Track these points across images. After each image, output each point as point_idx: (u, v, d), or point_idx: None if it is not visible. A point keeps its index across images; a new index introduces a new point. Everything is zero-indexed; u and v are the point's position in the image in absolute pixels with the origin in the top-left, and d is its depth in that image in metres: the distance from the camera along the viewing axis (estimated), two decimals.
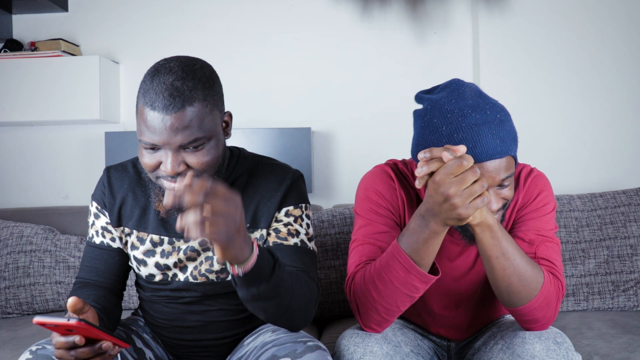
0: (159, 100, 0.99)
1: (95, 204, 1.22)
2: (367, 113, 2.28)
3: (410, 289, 1.04)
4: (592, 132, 2.21)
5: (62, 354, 0.88)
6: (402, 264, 1.02)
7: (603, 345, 1.44)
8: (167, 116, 0.99)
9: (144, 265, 1.18)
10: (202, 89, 1.03)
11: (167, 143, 1.00)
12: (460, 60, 2.26)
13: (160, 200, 1.12)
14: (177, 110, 0.99)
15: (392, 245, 1.05)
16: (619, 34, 2.19)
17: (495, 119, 1.04)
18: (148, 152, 1.04)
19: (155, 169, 1.05)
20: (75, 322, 0.81)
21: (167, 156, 1.02)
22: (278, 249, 1.13)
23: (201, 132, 1.02)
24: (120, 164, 1.24)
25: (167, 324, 1.22)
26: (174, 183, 1.04)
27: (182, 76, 1.01)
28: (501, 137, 1.03)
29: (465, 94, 1.06)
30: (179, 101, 0.99)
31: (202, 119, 1.02)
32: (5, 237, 1.94)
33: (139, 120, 1.03)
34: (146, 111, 1.01)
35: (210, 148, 1.05)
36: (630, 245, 1.81)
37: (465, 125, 1.03)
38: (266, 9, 2.31)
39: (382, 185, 1.20)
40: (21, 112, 2.19)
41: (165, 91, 0.99)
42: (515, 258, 1.02)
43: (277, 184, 1.16)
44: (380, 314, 1.08)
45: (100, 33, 2.36)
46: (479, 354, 1.17)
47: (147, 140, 1.02)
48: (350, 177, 2.29)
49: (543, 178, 1.19)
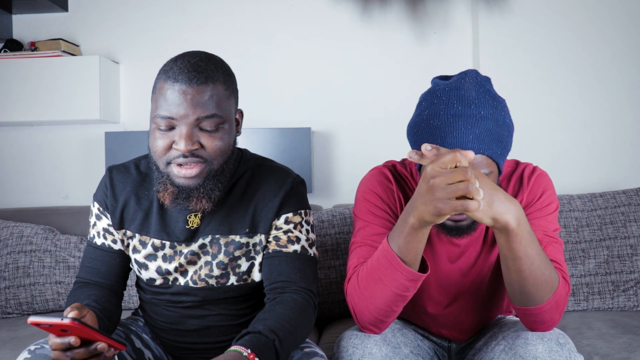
0: (183, 74, 1.01)
1: (97, 205, 1.20)
2: (367, 113, 2.28)
3: (399, 287, 1.02)
4: (592, 132, 2.21)
5: (58, 355, 0.88)
6: (389, 261, 1.01)
7: (603, 345, 1.44)
8: (189, 88, 1.01)
9: (145, 269, 1.18)
10: (223, 74, 1.06)
11: (185, 116, 1.01)
12: (460, 60, 2.26)
13: (165, 190, 1.08)
14: (200, 84, 1.01)
15: (382, 242, 1.05)
16: (619, 34, 2.19)
17: (477, 114, 1.03)
18: (161, 132, 1.04)
19: (167, 151, 1.04)
20: (69, 322, 0.81)
21: (182, 133, 1.01)
22: (278, 257, 1.13)
23: (219, 111, 1.04)
24: (122, 164, 1.22)
25: (166, 327, 1.22)
26: (185, 170, 1.03)
27: (205, 59, 1.05)
28: (476, 134, 1.02)
29: (465, 85, 1.06)
30: (203, 76, 1.02)
31: (221, 99, 1.04)
32: (5, 237, 1.94)
33: (156, 97, 1.04)
34: (167, 85, 1.02)
35: (224, 133, 1.06)
36: (630, 245, 1.81)
37: (444, 113, 1.04)
38: (266, 9, 2.31)
39: (379, 187, 1.20)
40: (21, 112, 2.19)
41: (190, 67, 1.02)
42: (534, 262, 0.99)
43: (276, 189, 1.16)
44: (375, 314, 1.07)
45: (100, 33, 2.36)
46: (480, 355, 1.16)
47: (164, 113, 1.02)
48: (350, 177, 2.29)
49: (546, 177, 1.19)
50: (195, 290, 1.17)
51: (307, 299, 1.10)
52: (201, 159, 1.04)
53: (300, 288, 1.11)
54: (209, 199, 1.08)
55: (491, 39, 2.22)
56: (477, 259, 1.20)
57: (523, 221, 0.97)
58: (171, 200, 1.09)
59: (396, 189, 1.20)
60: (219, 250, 1.14)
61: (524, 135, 2.23)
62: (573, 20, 2.20)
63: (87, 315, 0.96)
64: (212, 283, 1.16)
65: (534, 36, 2.21)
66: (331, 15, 2.30)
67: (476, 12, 2.24)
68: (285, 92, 2.32)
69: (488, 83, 1.10)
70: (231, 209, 1.15)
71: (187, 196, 1.07)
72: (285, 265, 1.12)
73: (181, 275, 1.17)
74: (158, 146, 1.04)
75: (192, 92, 1.01)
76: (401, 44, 2.28)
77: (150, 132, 1.07)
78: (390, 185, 1.20)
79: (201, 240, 1.14)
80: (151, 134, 1.06)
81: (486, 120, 1.03)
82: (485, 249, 1.20)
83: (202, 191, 1.07)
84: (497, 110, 1.05)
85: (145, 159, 1.21)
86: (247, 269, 1.17)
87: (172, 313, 1.20)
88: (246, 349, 0.92)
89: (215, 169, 1.07)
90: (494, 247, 1.20)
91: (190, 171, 1.04)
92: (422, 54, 2.28)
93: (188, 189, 1.06)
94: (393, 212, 1.19)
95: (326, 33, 2.30)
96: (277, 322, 1.01)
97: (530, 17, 2.21)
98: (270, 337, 0.97)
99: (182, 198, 1.07)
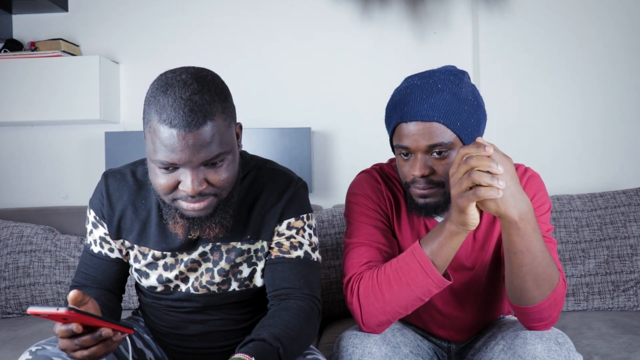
0: (179, 117, 0.92)
1: (94, 213, 1.16)
2: (367, 113, 2.28)
3: (424, 292, 1.05)
4: (592, 132, 2.21)
5: (66, 344, 0.87)
6: (421, 265, 1.03)
7: (603, 345, 1.44)
8: (188, 133, 0.92)
9: (146, 278, 1.16)
10: (219, 102, 0.97)
11: (188, 161, 0.94)
12: (460, 60, 2.26)
13: (175, 223, 1.04)
14: (200, 126, 0.93)
15: (413, 246, 1.06)
16: (618, 34, 2.19)
17: (433, 86, 1.08)
18: (164, 172, 0.97)
19: (173, 190, 0.99)
20: (65, 311, 0.81)
21: (187, 175, 0.96)
22: (281, 263, 1.12)
23: (222, 147, 0.97)
24: (118, 171, 1.17)
25: (167, 331, 1.21)
26: (194, 204, 0.99)
27: (198, 89, 0.94)
28: (432, 103, 1.06)
29: (434, 70, 1.13)
30: (201, 116, 0.93)
31: (222, 134, 0.97)
32: (5, 237, 1.94)
33: (152, 139, 0.95)
34: (163, 129, 0.93)
35: (229, 163, 1.00)
36: (630, 245, 1.81)
37: (403, 87, 1.12)
38: (266, 9, 2.31)
39: (368, 188, 1.23)
40: (21, 112, 2.19)
41: (185, 107, 0.92)
42: (536, 258, 1.00)
43: (277, 195, 1.13)
44: (387, 315, 1.08)
45: (100, 33, 2.36)
46: (479, 355, 1.17)
47: (164, 160, 0.95)
48: (350, 177, 2.26)
49: (537, 178, 1.20)
50: (196, 297, 1.15)
51: (312, 306, 1.10)
52: (210, 195, 1.00)
53: (305, 295, 1.10)
54: (221, 226, 1.05)
55: (491, 39, 2.22)
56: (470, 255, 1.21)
57: (528, 217, 0.98)
58: (184, 232, 1.05)
59: (385, 189, 1.23)
60: (220, 257, 1.13)
61: (524, 135, 2.23)
62: (573, 20, 2.20)
63: (89, 302, 0.94)
64: (214, 289, 1.15)
65: (534, 36, 2.21)
66: (331, 15, 2.30)
67: (476, 12, 2.24)
68: (285, 92, 2.31)
69: (461, 73, 1.13)
70: (232, 222, 1.12)
71: (199, 227, 1.04)
72: (288, 272, 1.11)
73: (182, 282, 1.15)
74: (162, 185, 0.99)
75: (193, 136, 0.92)
76: (401, 44, 2.28)
77: (150, 169, 1.00)
78: (379, 186, 1.23)
79: (202, 248, 1.12)
80: (151, 171, 1.00)
81: (443, 92, 1.07)
82: (477, 247, 1.21)
83: (214, 220, 1.04)
84: (456, 85, 1.09)
85: (142, 165, 1.17)
86: (249, 275, 1.15)
87: (173, 318, 1.19)
88: (250, 357, 0.91)
89: (225, 197, 1.03)
90: (486, 245, 1.20)
91: (200, 204, 1.00)
92: (422, 53, 2.28)
93: (200, 220, 1.02)
94: (384, 212, 1.22)
95: (326, 33, 2.30)
96: (282, 329, 1.00)
97: (530, 17, 2.21)
98: (275, 345, 0.96)
99: (194, 229, 1.04)
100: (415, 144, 1.07)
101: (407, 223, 1.22)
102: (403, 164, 1.13)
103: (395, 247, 1.21)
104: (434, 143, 1.06)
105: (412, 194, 1.14)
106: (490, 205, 0.95)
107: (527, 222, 0.97)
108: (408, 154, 1.11)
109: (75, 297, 0.89)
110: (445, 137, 1.06)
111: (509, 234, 0.99)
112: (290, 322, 1.02)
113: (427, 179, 1.09)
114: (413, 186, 1.12)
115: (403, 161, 1.13)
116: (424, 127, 1.06)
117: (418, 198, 1.12)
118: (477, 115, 1.10)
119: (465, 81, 1.12)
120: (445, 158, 1.08)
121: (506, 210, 0.95)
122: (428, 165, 1.08)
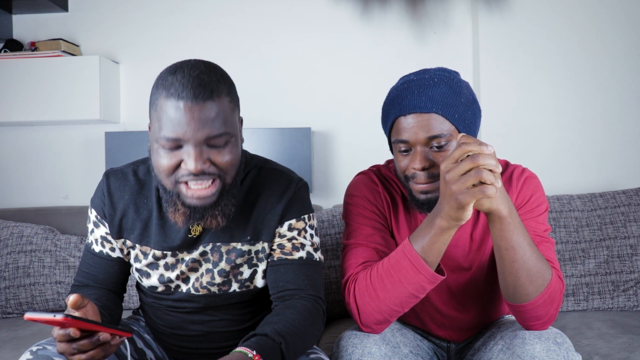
0: (187, 90, 0.93)
1: (95, 213, 1.16)
2: (367, 113, 2.28)
3: (417, 288, 1.04)
4: (592, 132, 2.21)
5: (64, 348, 0.87)
6: (411, 262, 1.03)
7: (603, 345, 1.44)
8: (195, 104, 0.93)
9: (147, 277, 1.16)
10: (226, 85, 0.99)
11: (192, 136, 0.94)
12: (460, 60, 2.26)
13: (176, 211, 1.02)
14: (206, 99, 0.94)
15: (403, 243, 1.06)
16: (618, 34, 2.19)
17: (430, 80, 1.10)
18: (167, 152, 0.97)
19: (175, 170, 0.98)
20: (61, 318, 0.81)
21: (190, 153, 0.95)
22: (284, 265, 1.12)
23: (227, 128, 0.97)
24: (120, 170, 1.16)
25: (168, 331, 1.21)
26: (196, 185, 0.98)
27: (206, 71, 0.97)
28: (429, 95, 1.08)
29: (428, 68, 1.15)
30: (208, 91, 0.94)
31: (227, 114, 0.98)
32: (5, 237, 1.94)
33: (158, 116, 0.96)
34: (170, 102, 0.94)
35: (233, 147, 1.00)
36: (630, 245, 1.81)
37: (399, 83, 1.15)
38: (266, 8, 2.31)
39: (365, 190, 1.23)
40: (21, 112, 2.19)
41: (193, 81, 0.94)
42: (526, 252, 1.01)
43: (278, 196, 1.13)
44: (384, 314, 1.08)
45: (100, 33, 2.36)
46: (478, 355, 1.17)
47: (169, 134, 0.94)
48: (350, 177, 2.24)
49: (535, 179, 1.20)
50: (197, 297, 1.15)
51: (316, 306, 1.09)
52: (214, 175, 0.99)
53: (309, 295, 1.10)
54: (223, 216, 1.03)
55: (491, 39, 2.22)
56: (467, 256, 1.21)
57: (514, 212, 1.01)
58: (184, 221, 1.02)
59: (382, 191, 1.23)
60: (220, 257, 1.12)
61: (523, 135, 2.23)
62: (573, 21, 2.20)
63: (88, 306, 0.94)
64: (214, 290, 1.15)
65: (534, 36, 2.21)
66: (331, 15, 2.30)
67: (476, 12, 2.24)
68: (285, 92, 2.32)
69: (454, 72, 1.15)
70: (233, 215, 1.11)
71: (200, 216, 1.01)
72: (292, 273, 1.11)
73: (183, 283, 1.15)
74: (165, 165, 0.98)
75: (198, 108, 0.93)
76: (401, 44, 2.28)
77: (154, 150, 1.00)
78: (376, 187, 1.24)
79: (202, 247, 1.12)
80: (154, 152, 1.00)
81: (440, 85, 1.09)
82: (474, 247, 1.21)
83: (217, 209, 1.02)
84: (451, 80, 1.11)
85: (144, 165, 1.17)
86: (250, 276, 1.15)
87: (174, 318, 1.19)
88: (252, 351, 0.91)
89: (229, 183, 1.02)
90: (483, 246, 1.21)
91: (206, 191, 0.99)
92: (422, 53, 2.28)
93: (202, 209, 1.01)
94: (381, 213, 1.22)
95: (326, 33, 2.30)
96: (285, 325, 1.00)
97: (530, 17, 2.21)
98: (277, 340, 0.96)
99: (196, 218, 1.02)
100: (415, 136, 1.07)
101: (405, 224, 1.22)
102: (402, 159, 1.12)
103: (393, 248, 1.20)
104: (433, 135, 1.07)
105: (412, 189, 1.13)
106: (484, 202, 0.96)
107: (515, 217, 1.00)
108: (407, 149, 1.11)
109: (74, 302, 0.89)
110: (444, 128, 1.07)
111: (500, 230, 1.00)
112: (294, 320, 1.02)
113: (427, 173, 1.09)
114: (413, 181, 1.12)
115: (402, 156, 1.12)
116: (422, 119, 1.07)
117: (419, 194, 1.12)
118: (473, 109, 1.11)
119: (459, 78, 1.14)
120: (444, 150, 1.08)
121: (498, 206, 0.97)
122: (428, 158, 1.08)
